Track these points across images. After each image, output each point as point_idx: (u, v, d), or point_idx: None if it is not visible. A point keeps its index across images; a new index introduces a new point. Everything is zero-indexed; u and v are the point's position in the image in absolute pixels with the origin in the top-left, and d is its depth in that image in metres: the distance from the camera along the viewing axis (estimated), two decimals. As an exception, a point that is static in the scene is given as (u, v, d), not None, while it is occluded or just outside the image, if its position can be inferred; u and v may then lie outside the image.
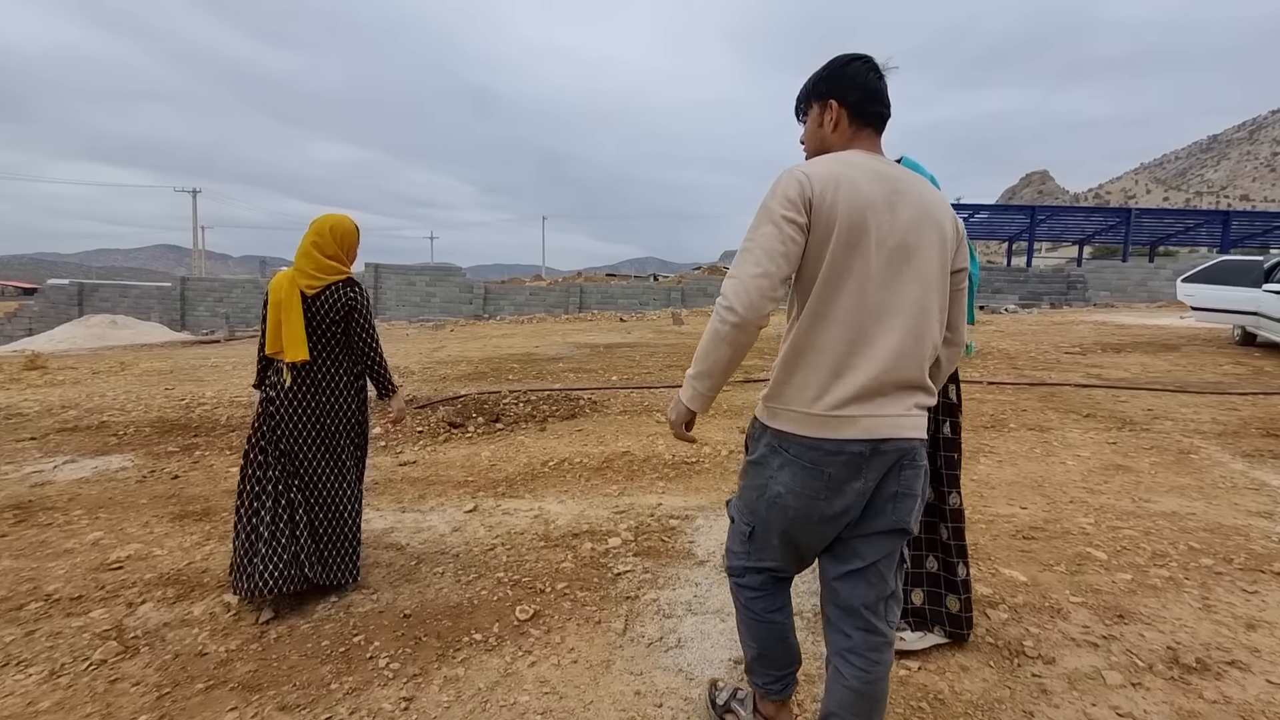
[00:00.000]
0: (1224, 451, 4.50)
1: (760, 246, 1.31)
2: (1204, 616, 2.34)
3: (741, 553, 1.58)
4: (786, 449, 1.37)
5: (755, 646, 1.65)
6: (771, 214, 1.32)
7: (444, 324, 19.53)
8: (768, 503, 1.43)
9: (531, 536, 3.15)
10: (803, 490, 1.36)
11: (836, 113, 1.46)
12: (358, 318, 2.53)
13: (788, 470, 1.38)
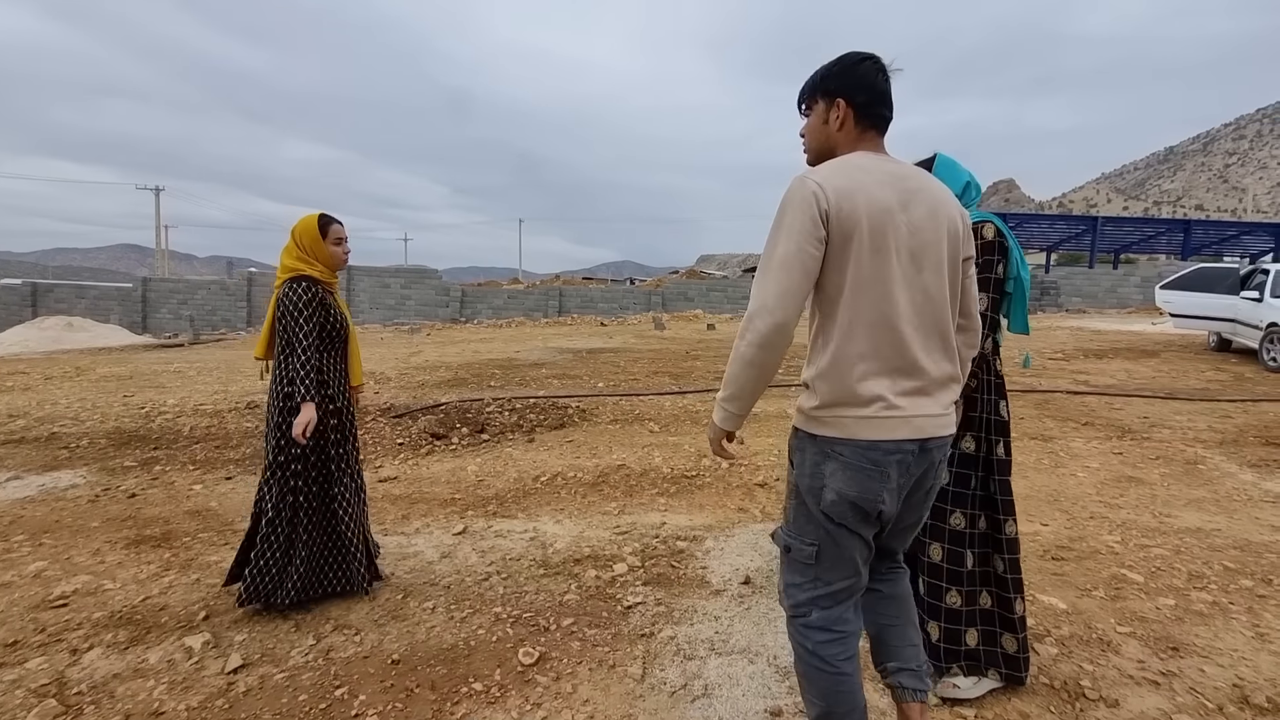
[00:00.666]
0: (1230, 461, 4.43)
1: (782, 265, 1.31)
2: (1260, 647, 2.19)
3: (806, 583, 1.46)
4: (841, 454, 1.37)
5: (821, 705, 1.45)
6: (790, 230, 1.32)
7: (420, 328, 19.05)
8: (825, 513, 1.40)
9: (529, 563, 2.90)
10: (861, 493, 1.36)
11: (844, 112, 1.44)
12: (278, 315, 2.41)
13: (842, 475, 1.37)
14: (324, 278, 2.48)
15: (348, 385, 2.61)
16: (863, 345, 1.35)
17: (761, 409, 6.41)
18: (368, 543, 2.63)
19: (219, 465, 4.55)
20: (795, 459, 1.46)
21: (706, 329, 17.22)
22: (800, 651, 1.48)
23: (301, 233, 2.44)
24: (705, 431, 1.55)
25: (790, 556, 1.48)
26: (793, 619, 1.49)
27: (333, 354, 2.53)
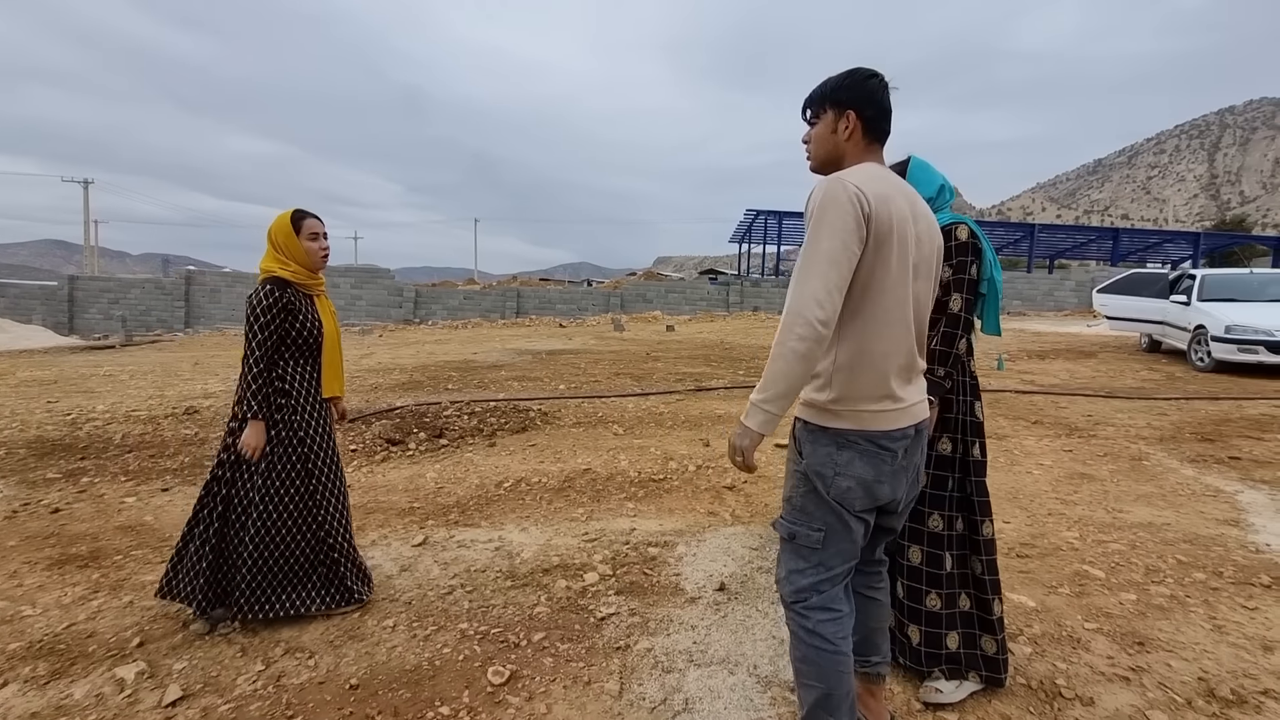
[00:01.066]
0: (1170, 457, 4.64)
1: (830, 261, 1.36)
2: (1219, 639, 2.25)
3: (809, 569, 1.53)
4: (856, 444, 1.46)
5: (821, 687, 1.50)
6: (835, 228, 1.37)
7: (371, 329, 18.46)
8: (837, 499, 1.47)
9: (495, 574, 2.77)
10: (875, 479, 1.47)
11: (853, 124, 1.52)
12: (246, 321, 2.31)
13: (859, 463, 1.46)
14: (299, 279, 2.33)
15: (317, 395, 2.40)
16: (886, 344, 1.46)
17: (725, 410, 6.41)
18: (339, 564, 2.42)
19: (154, 476, 4.24)
20: (805, 449, 1.51)
21: (666, 330, 17.23)
22: (801, 635, 1.52)
23: (275, 230, 2.31)
24: (729, 437, 1.46)
25: (795, 544, 1.53)
26: (793, 604, 1.53)
27: (303, 361, 2.35)
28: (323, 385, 2.41)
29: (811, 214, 1.41)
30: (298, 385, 2.34)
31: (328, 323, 2.43)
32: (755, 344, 13.30)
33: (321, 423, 2.41)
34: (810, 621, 1.49)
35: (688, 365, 9.99)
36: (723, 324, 19.93)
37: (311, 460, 2.36)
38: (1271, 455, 4.62)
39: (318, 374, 2.40)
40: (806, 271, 1.36)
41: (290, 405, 2.32)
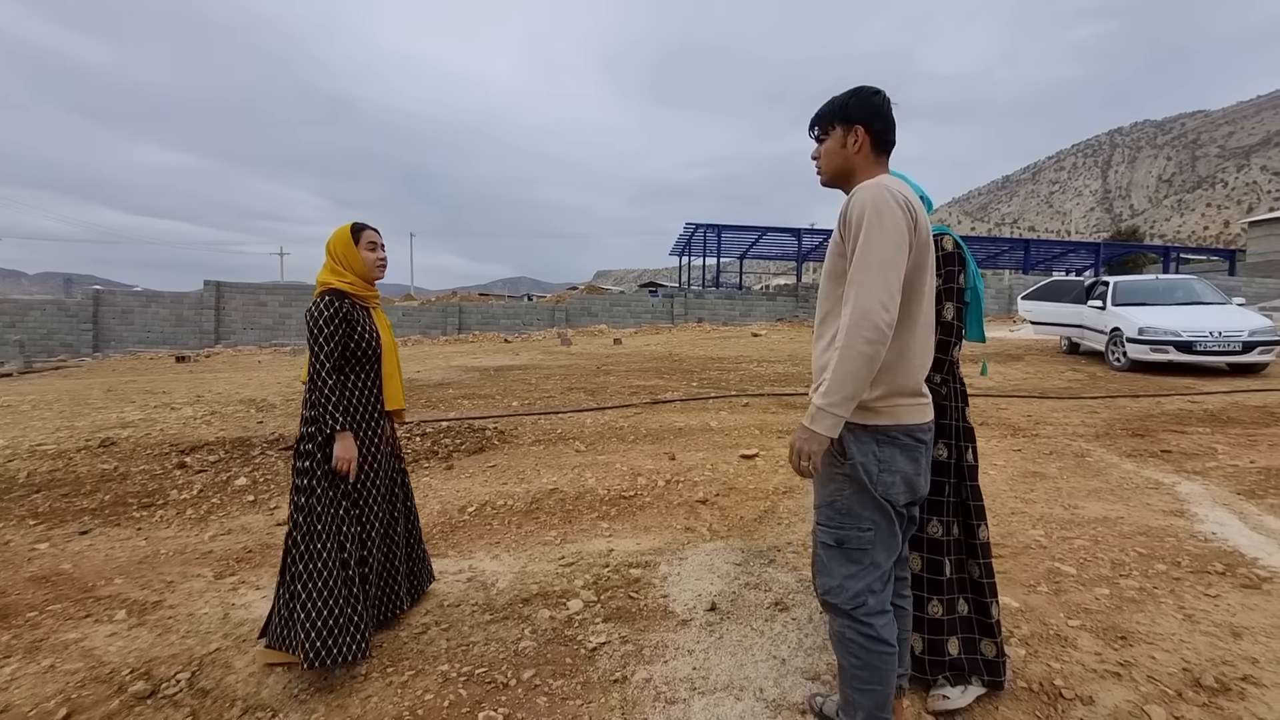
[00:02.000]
0: (1110, 453, 4.90)
1: (890, 264, 1.41)
2: (1193, 629, 2.34)
3: (860, 571, 1.53)
4: (897, 438, 1.52)
5: (881, 690, 1.53)
6: (890, 232, 1.41)
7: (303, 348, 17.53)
8: (884, 495, 1.52)
9: (471, 608, 2.59)
10: (913, 471, 1.55)
11: (862, 138, 1.59)
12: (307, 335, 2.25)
13: (900, 457, 1.53)
14: (356, 290, 2.31)
15: (379, 410, 2.36)
16: (922, 343, 1.57)
17: (684, 422, 6.37)
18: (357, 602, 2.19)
19: (69, 517, 3.80)
20: (850, 449, 1.52)
21: (613, 344, 17.16)
22: (862, 643, 1.52)
23: (335, 242, 2.31)
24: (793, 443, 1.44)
25: (843, 550, 1.54)
26: (851, 612, 1.53)
27: (362, 374, 2.31)
28: (387, 398, 2.37)
29: (859, 220, 1.44)
30: (358, 399, 2.30)
31: (385, 335, 2.39)
32: (704, 355, 13.40)
33: (380, 440, 2.37)
34: (873, 628, 1.51)
35: (639, 378, 9.92)
36: (669, 336, 20.03)
37: (372, 477, 2.32)
38: (1196, 448, 4.95)
39: (378, 387, 2.36)
40: (869, 274, 1.39)
41: (355, 421, 2.27)
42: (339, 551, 2.16)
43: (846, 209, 1.48)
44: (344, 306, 2.23)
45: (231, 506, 3.96)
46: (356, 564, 2.22)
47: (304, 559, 2.12)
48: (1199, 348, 8.58)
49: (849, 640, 1.53)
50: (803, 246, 34.93)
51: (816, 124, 1.67)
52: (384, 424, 2.40)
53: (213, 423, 6.62)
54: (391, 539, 2.44)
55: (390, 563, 2.42)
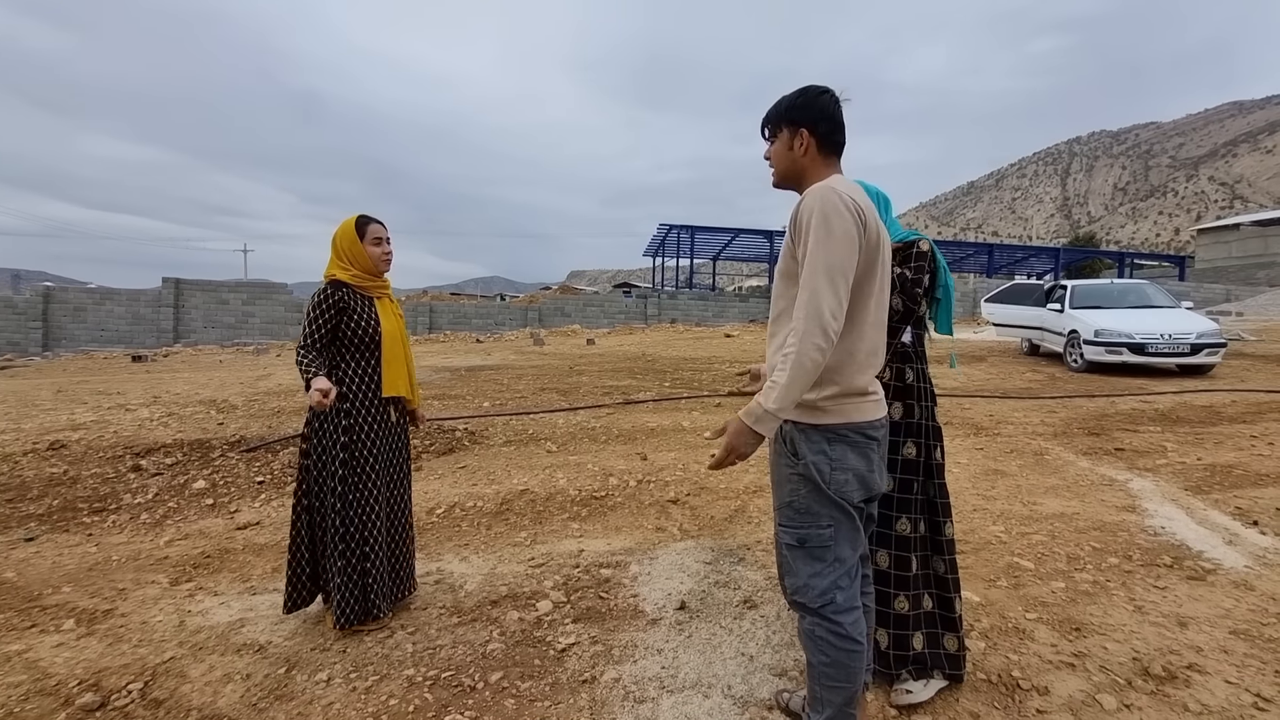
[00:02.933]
0: (1066, 451, 5.06)
1: (840, 272, 1.41)
2: (1142, 619, 2.43)
3: (825, 569, 1.54)
4: (846, 435, 1.53)
5: (850, 687, 1.55)
6: (841, 239, 1.41)
7: (267, 348, 17.08)
8: (837, 493, 1.52)
9: (438, 610, 2.56)
10: (865, 468, 1.55)
11: (807, 140, 1.59)
12: None
13: (852, 454, 1.53)
14: (360, 282, 2.37)
15: (375, 395, 2.38)
16: (870, 344, 1.55)
17: (657, 423, 6.38)
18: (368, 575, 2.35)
19: (14, 523, 3.64)
20: (799, 449, 1.54)
21: (586, 344, 17.11)
22: (832, 640, 1.53)
23: (339, 236, 2.36)
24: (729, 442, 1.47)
25: (805, 549, 1.55)
26: (819, 610, 1.53)
27: (360, 359, 2.36)
28: (384, 384, 2.38)
29: (807, 224, 1.43)
30: (355, 385, 2.34)
31: (388, 323, 2.41)
32: (677, 355, 13.44)
33: (379, 423, 2.39)
34: (842, 626, 1.52)
35: (612, 378, 9.91)
36: (642, 336, 20.05)
37: (359, 462, 2.33)
38: (1147, 445, 5.14)
39: (377, 372, 2.38)
40: (819, 283, 1.39)
41: (347, 408, 2.31)
42: (347, 525, 2.29)
43: (797, 212, 1.49)
44: (339, 295, 2.31)
45: (189, 510, 3.84)
46: (359, 543, 2.31)
47: (335, 530, 2.29)
48: (1150, 350, 8.92)
49: (818, 638, 1.54)
50: (774, 248, 35.33)
51: (765, 125, 1.66)
52: (386, 409, 2.43)
53: (170, 424, 6.41)
54: (396, 523, 2.50)
55: (395, 545, 2.49)
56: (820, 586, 1.53)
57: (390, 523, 2.47)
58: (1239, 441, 5.18)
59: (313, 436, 2.32)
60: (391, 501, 2.48)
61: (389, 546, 2.45)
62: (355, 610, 2.31)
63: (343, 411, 2.32)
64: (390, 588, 2.45)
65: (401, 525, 2.54)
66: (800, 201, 1.49)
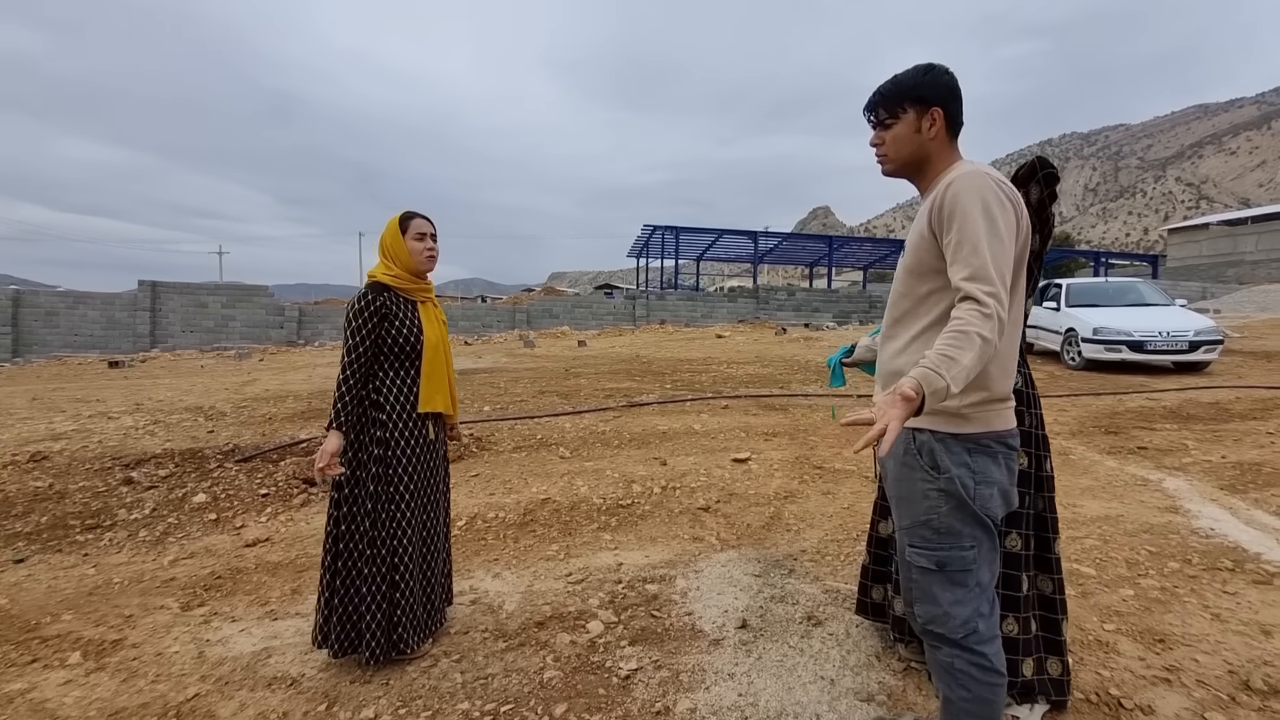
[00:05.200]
0: (1090, 450, 5.00)
1: (1001, 255, 1.30)
2: (1224, 629, 2.33)
3: (968, 595, 1.40)
4: (989, 446, 1.40)
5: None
6: (1004, 232, 1.31)
7: (250, 352, 16.61)
8: (982, 509, 1.39)
9: (482, 635, 2.38)
10: (1008, 482, 1.43)
11: (939, 121, 1.46)
12: None
13: (993, 468, 1.40)
14: (401, 284, 2.20)
15: (413, 409, 2.20)
16: (1013, 345, 1.44)
17: (667, 425, 6.23)
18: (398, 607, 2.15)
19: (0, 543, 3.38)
20: (941, 461, 1.39)
21: (578, 345, 16.90)
22: (975, 674, 1.40)
23: (385, 234, 2.22)
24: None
25: (945, 573, 1.40)
26: (964, 640, 1.40)
27: (400, 370, 2.20)
28: (421, 398, 2.21)
29: (965, 210, 1.31)
30: (392, 397, 2.17)
31: (431, 330, 2.26)
32: (671, 356, 13.31)
33: (416, 441, 2.22)
34: (986, 658, 1.39)
35: (611, 380, 9.75)
36: (633, 338, 19.88)
37: (392, 481, 2.16)
38: (1169, 444, 5.11)
39: (415, 385, 2.21)
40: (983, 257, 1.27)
41: (382, 420, 2.14)
42: (376, 549, 2.12)
43: (943, 200, 1.35)
44: (380, 300, 2.15)
45: (191, 526, 3.60)
46: (389, 569, 2.12)
47: (354, 563, 2.12)
48: (1149, 347, 8.98)
49: (958, 671, 1.40)
50: (759, 248, 35.37)
51: (881, 106, 1.50)
52: (424, 425, 2.24)
53: (157, 433, 6.11)
54: (430, 549, 2.30)
55: (429, 573, 2.28)
56: (962, 615, 1.39)
57: (424, 549, 2.26)
58: (1257, 439, 5.18)
59: (347, 450, 2.12)
60: (426, 525, 2.28)
61: (422, 575, 2.25)
62: (381, 643, 2.09)
63: (377, 423, 2.14)
64: (423, 619, 2.22)
65: (436, 552, 2.33)
66: (948, 187, 1.35)
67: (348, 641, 2.11)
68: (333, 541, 2.14)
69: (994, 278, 1.25)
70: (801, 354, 12.99)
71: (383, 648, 2.10)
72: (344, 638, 2.10)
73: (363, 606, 2.09)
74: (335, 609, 2.11)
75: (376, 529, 2.12)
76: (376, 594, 2.10)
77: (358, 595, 2.11)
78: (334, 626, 2.10)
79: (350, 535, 2.11)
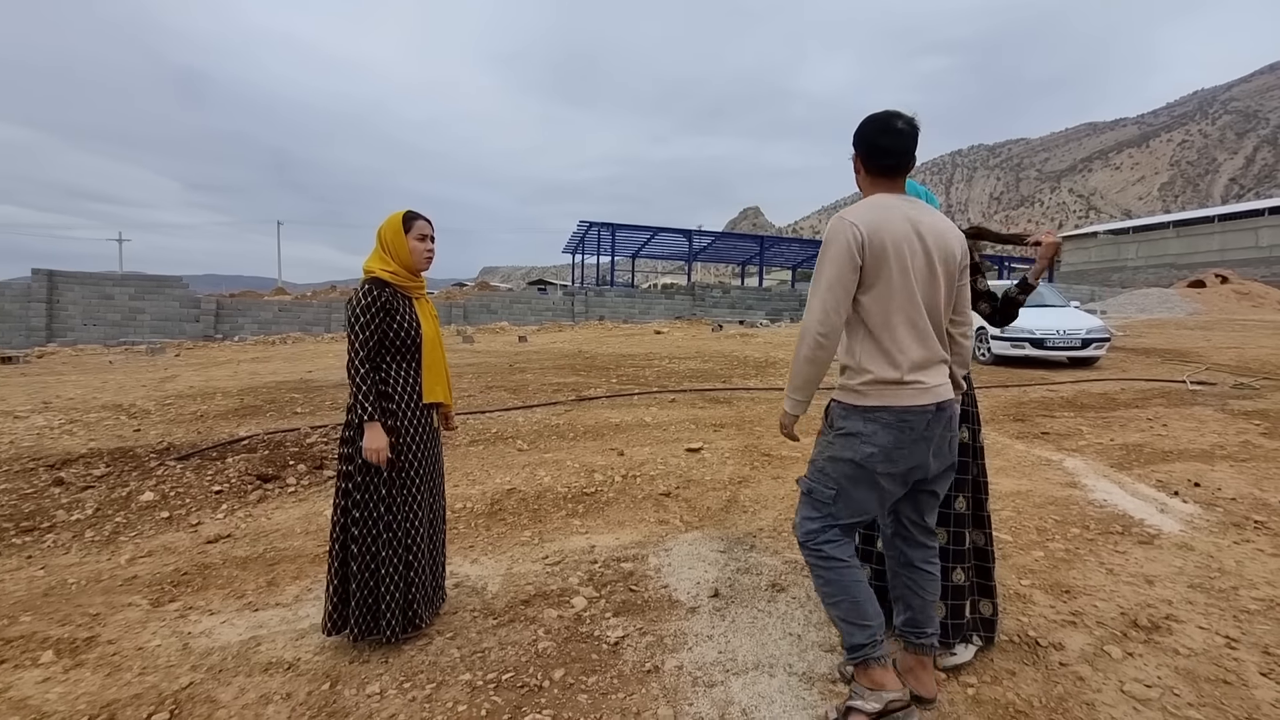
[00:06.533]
0: (1002, 435, 5.56)
1: (829, 287, 1.73)
2: (1116, 580, 2.75)
3: (819, 517, 1.85)
4: (878, 418, 1.76)
5: (846, 597, 1.80)
6: (834, 259, 1.73)
7: (162, 347, 15.52)
8: (862, 461, 1.76)
9: (471, 614, 2.49)
10: (893, 445, 1.75)
11: (858, 163, 1.91)
12: None
13: (880, 433, 1.75)
14: (399, 280, 2.28)
15: (418, 400, 2.30)
16: (903, 341, 1.76)
17: (620, 419, 6.41)
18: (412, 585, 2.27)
19: (-75, 550, 3.16)
20: (836, 422, 1.83)
21: (519, 341, 16.80)
22: (817, 565, 1.84)
23: (385, 228, 2.27)
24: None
25: (810, 497, 1.87)
26: (804, 543, 1.86)
27: (402, 364, 2.23)
28: (424, 390, 2.31)
29: (820, 254, 1.79)
30: (399, 389, 2.25)
31: (428, 325, 2.31)
32: (614, 352, 13.47)
33: (422, 430, 2.31)
34: (821, 553, 1.82)
35: (557, 375, 9.82)
36: (573, 333, 19.90)
37: (403, 469, 2.25)
38: (1067, 429, 5.75)
39: (418, 378, 2.31)
40: (812, 295, 1.76)
41: (392, 410, 2.23)
42: (392, 532, 2.21)
43: None
44: (384, 296, 2.21)
45: (143, 525, 3.48)
46: (404, 549, 2.23)
47: (370, 547, 2.19)
48: (1049, 344, 9.92)
49: (810, 566, 1.87)
50: (693, 246, 36.06)
51: None
52: (428, 415, 2.34)
53: (76, 432, 5.75)
54: (436, 530, 2.42)
55: (436, 553, 2.42)
56: (809, 529, 1.85)
57: (431, 529, 2.38)
58: (1139, 424, 5.91)
59: (356, 440, 2.19)
60: (433, 508, 2.40)
61: (430, 554, 2.36)
62: (399, 621, 2.20)
63: (388, 414, 2.23)
64: (431, 594, 2.37)
65: (440, 531, 2.46)
66: None
67: (366, 624, 2.19)
68: (341, 530, 2.21)
69: (814, 314, 1.74)
70: (739, 350, 13.46)
71: (400, 625, 2.20)
72: (363, 620, 2.18)
73: (381, 588, 2.17)
74: (354, 594, 2.18)
75: (392, 513, 2.20)
76: (394, 574, 2.19)
77: (375, 578, 2.19)
78: (353, 610, 2.17)
79: (364, 521, 2.18)
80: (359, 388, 2.16)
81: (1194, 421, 5.94)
